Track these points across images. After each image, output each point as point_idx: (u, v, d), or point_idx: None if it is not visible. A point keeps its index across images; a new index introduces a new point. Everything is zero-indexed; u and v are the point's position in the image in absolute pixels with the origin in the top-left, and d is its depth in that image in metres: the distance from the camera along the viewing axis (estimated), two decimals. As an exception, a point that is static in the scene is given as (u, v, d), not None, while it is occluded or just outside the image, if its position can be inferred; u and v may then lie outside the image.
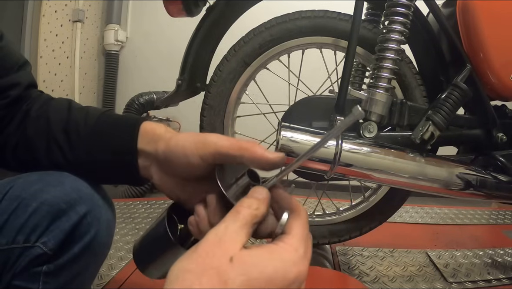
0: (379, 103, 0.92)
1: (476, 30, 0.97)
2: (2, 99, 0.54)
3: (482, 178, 0.93)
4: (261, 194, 0.37)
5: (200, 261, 0.30)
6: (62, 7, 2.33)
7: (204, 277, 0.29)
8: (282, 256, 0.33)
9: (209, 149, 0.41)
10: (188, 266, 0.31)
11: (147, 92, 2.40)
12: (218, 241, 0.32)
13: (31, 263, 0.49)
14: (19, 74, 0.56)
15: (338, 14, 1.03)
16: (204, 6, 1.06)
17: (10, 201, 0.50)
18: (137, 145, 0.48)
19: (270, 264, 0.31)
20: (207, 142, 0.41)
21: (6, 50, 0.55)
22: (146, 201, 1.87)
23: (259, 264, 0.31)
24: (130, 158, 0.49)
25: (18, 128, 0.54)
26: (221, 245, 0.31)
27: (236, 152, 0.39)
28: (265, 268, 0.31)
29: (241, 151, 0.39)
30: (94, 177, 0.54)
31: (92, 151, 0.51)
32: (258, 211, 0.35)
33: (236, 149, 0.39)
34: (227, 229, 0.33)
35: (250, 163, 0.40)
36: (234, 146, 0.40)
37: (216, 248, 0.31)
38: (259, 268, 0.31)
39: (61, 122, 0.53)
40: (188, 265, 0.31)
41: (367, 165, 0.88)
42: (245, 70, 1.06)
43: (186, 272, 0.30)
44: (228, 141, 0.40)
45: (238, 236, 0.33)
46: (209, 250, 0.31)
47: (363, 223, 1.17)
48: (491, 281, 1.16)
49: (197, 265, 0.30)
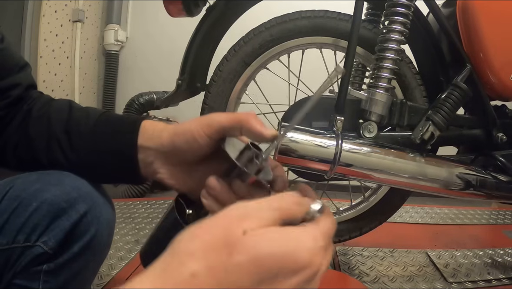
0: (379, 103, 0.92)
1: (476, 30, 0.97)
2: (3, 99, 0.54)
3: (482, 178, 0.93)
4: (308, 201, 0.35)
5: (212, 228, 0.29)
6: (62, 7, 2.33)
7: (209, 245, 0.28)
8: (298, 238, 0.30)
9: (214, 127, 0.43)
10: (197, 230, 0.29)
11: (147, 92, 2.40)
12: (243, 213, 0.30)
13: (32, 262, 0.49)
14: (19, 75, 0.57)
15: (338, 14, 1.03)
16: (204, 6, 1.06)
17: (10, 200, 0.50)
18: (137, 141, 0.49)
19: (284, 244, 0.29)
20: (211, 121, 0.44)
21: (6, 52, 0.56)
22: (146, 201, 1.87)
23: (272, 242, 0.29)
24: (130, 154, 0.49)
25: (19, 127, 0.54)
26: (243, 219, 0.30)
27: (236, 124, 0.43)
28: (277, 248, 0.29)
29: (240, 122, 0.42)
30: (94, 175, 0.54)
31: (93, 149, 0.51)
32: (295, 211, 0.33)
33: (236, 121, 0.43)
34: (258, 210, 0.31)
35: (247, 134, 0.43)
36: (234, 119, 0.43)
37: (238, 219, 0.30)
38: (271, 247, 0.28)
39: (62, 123, 0.53)
40: (197, 229, 0.30)
41: (367, 165, 0.88)
42: (245, 70, 1.06)
43: (194, 236, 0.29)
44: (227, 116, 0.44)
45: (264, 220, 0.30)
46: (231, 219, 0.30)
47: (363, 223, 1.17)
48: (491, 281, 1.16)
49: (207, 231, 0.29)
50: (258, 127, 0.42)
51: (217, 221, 0.30)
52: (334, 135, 0.88)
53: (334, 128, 0.90)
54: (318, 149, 0.86)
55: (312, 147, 0.85)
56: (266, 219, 0.30)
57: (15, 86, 0.55)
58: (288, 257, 0.29)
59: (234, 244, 0.28)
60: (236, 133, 0.43)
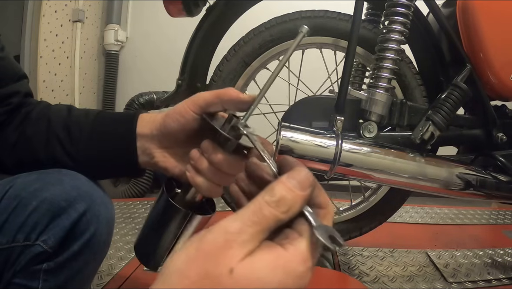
0: (379, 103, 0.92)
1: (476, 30, 0.97)
2: (4, 106, 0.55)
3: (482, 178, 0.93)
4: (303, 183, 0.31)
5: (199, 265, 0.28)
6: (62, 7, 2.33)
7: (198, 286, 0.27)
8: (288, 268, 0.28)
9: (198, 103, 0.47)
10: (186, 270, 0.28)
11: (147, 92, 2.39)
12: (224, 243, 0.28)
13: (31, 261, 0.49)
14: (19, 83, 0.59)
15: (338, 14, 1.03)
16: (204, 6, 1.06)
17: (10, 200, 0.50)
18: (136, 129, 0.51)
19: (273, 279, 0.27)
20: (195, 98, 0.48)
21: (7, 61, 0.58)
22: (146, 201, 1.87)
23: (261, 279, 0.27)
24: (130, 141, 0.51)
25: (17, 128, 0.55)
26: (226, 251, 0.28)
27: (216, 98, 0.46)
28: (266, 284, 0.27)
29: (220, 95, 0.45)
30: (94, 168, 0.54)
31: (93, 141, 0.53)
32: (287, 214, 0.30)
33: (216, 96, 0.46)
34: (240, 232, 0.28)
35: (228, 105, 0.46)
36: (214, 93, 0.46)
37: (220, 252, 0.28)
38: (260, 284, 0.27)
39: (61, 121, 0.54)
40: (186, 268, 0.28)
41: (367, 165, 0.88)
42: (245, 70, 1.06)
43: (183, 277, 0.28)
44: (210, 92, 0.47)
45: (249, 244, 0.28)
46: (212, 253, 0.28)
47: (363, 223, 1.17)
48: (491, 281, 1.16)
49: (195, 269, 0.28)
50: (235, 94, 0.45)
51: (198, 254, 0.28)
52: (334, 135, 0.87)
53: (334, 128, 0.90)
54: (318, 149, 0.86)
55: (312, 146, 0.85)
56: (250, 242, 0.28)
57: (15, 94, 0.57)
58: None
59: (222, 286, 0.27)
60: (218, 107, 0.46)
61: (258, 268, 0.28)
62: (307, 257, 0.29)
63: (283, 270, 0.28)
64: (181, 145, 0.50)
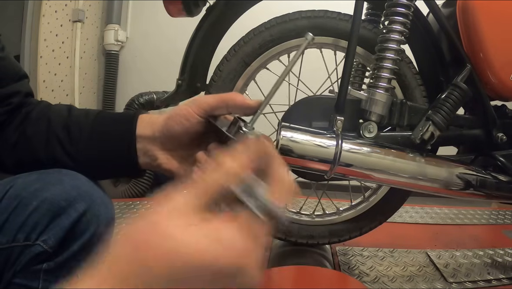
0: (379, 103, 0.92)
1: (476, 30, 0.97)
2: (4, 106, 0.55)
3: (482, 178, 0.93)
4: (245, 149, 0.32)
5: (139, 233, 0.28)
6: (62, 7, 2.33)
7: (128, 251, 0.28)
8: (224, 246, 0.28)
9: (202, 106, 0.47)
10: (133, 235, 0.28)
11: (147, 92, 2.40)
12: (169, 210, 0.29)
13: (32, 261, 0.49)
14: (19, 83, 0.59)
15: (338, 14, 1.03)
16: (204, 6, 1.06)
17: (10, 200, 0.50)
18: (135, 130, 0.51)
19: (205, 254, 0.27)
20: (200, 102, 0.48)
21: (7, 61, 0.58)
22: (146, 201, 1.87)
23: (190, 254, 0.27)
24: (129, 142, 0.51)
25: (17, 128, 0.55)
26: (168, 217, 0.28)
27: (222, 103, 0.46)
28: (193, 260, 0.27)
29: (225, 100, 0.46)
30: (94, 168, 0.55)
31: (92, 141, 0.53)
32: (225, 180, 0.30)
33: (221, 100, 0.46)
34: (184, 198, 0.29)
35: (233, 109, 0.46)
36: (219, 98, 0.47)
37: (163, 217, 0.28)
38: (186, 259, 0.27)
39: (61, 121, 0.54)
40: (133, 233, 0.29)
41: (367, 165, 0.88)
42: (245, 70, 1.06)
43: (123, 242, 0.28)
44: (214, 96, 0.47)
45: (190, 210, 0.29)
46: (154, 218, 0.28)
47: (363, 223, 1.17)
48: (491, 281, 1.16)
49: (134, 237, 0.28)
50: (241, 100, 0.45)
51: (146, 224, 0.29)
52: (334, 135, 0.87)
53: (334, 128, 0.90)
54: (318, 149, 0.86)
55: (312, 146, 0.85)
56: (193, 210, 0.29)
57: (15, 94, 0.57)
58: (207, 269, 0.27)
59: (154, 249, 0.27)
60: (223, 111, 0.47)
61: (190, 244, 0.27)
62: (247, 232, 0.29)
63: (220, 247, 0.28)
64: (184, 147, 0.50)
